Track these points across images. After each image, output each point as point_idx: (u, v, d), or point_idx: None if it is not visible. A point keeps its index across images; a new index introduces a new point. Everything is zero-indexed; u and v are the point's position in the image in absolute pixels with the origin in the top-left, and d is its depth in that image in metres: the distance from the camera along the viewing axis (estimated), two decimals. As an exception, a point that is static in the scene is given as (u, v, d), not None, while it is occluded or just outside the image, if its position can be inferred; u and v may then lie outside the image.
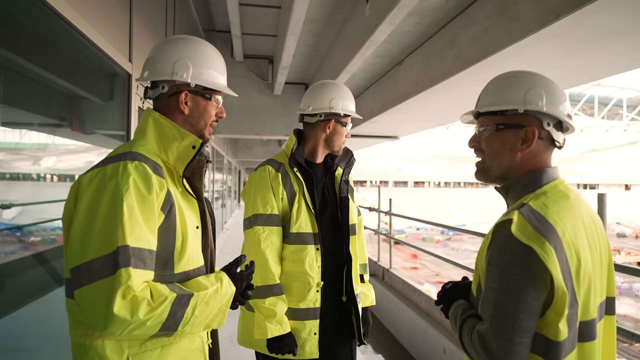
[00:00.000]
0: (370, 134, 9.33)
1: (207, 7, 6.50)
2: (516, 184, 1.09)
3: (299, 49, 6.73)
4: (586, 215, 1.06)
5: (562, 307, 0.92)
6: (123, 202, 0.99)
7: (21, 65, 1.85)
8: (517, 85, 1.09)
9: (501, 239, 0.97)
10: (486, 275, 0.99)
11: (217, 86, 1.23)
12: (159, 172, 1.09)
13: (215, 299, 1.11)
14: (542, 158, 1.09)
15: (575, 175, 70.82)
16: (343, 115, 1.83)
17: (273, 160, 1.81)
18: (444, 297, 1.22)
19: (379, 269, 6.97)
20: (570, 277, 0.95)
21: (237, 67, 7.95)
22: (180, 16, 4.74)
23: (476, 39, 3.84)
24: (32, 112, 2.04)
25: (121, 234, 0.97)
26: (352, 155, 1.94)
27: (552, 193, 1.04)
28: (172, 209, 1.09)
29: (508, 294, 0.94)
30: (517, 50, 3.40)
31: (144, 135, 1.17)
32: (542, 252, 0.92)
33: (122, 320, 0.94)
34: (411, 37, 5.07)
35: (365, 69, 6.53)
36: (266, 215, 1.71)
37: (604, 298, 1.08)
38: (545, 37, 3.10)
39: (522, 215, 0.97)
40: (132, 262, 0.97)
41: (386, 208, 6.81)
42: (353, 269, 1.84)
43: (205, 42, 1.26)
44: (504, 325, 0.94)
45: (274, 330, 1.64)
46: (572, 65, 3.81)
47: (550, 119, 1.08)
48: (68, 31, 2.00)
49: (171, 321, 1.02)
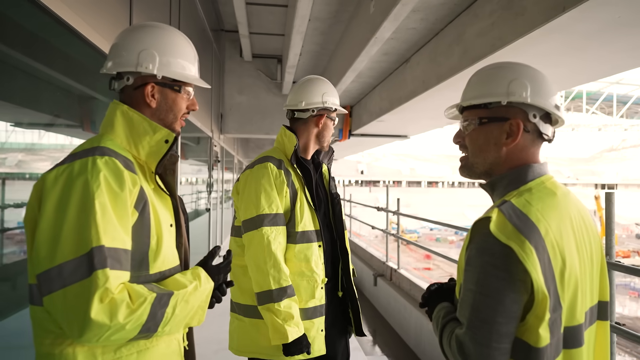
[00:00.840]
0: (379, 133, 9.26)
1: (215, 6, 6.52)
2: (501, 181, 1.03)
3: (306, 48, 6.71)
4: (575, 214, 1.00)
5: (543, 311, 0.87)
6: (95, 200, 0.93)
7: (32, 66, 1.87)
8: (501, 76, 1.03)
9: (480, 238, 0.92)
10: (464, 276, 0.94)
11: (186, 78, 1.15)
12: (131, 167, 1.03)
13: (194, 297, 1.07)
14: (528, 153, 1.03)
15: (593, 175, 69.47)
16: (333, 111, 1.83)
17: (272, 157, 1.74)
18: (428, 299, 1.17)
19: (387, 269, 6.91)
20: (553, 280, 0.89)
21: (246, 66, 7.96)
22: (187, 15, 4.75)
23: (482, 34, 3.77)
24: (44, 113, 2.06)
25: (95, 233, 0.91)
26: (333, 152, 1.94)
27: (537, 190, 0.98)
28: (146, 206, 1.04)
29: (486, 297, 0.88)
30: (524, 45, 3.33)
31: (112, 130, 1.09)
32: (521, 252, 0.86)
33: (100, 325, 0.89)
34: (417, 34, 5.01)
35: (372, 67, 6.47)
36: (272, 215, 1.65)
37: (595, 302, 1.02)
38: (551, 31, 3.02)
39: (502, 213, 0.92)
40: (109, 263, 0.91)
41: (395, 208, 6.74)
42: (349, 264, 1.85)
43: (174, 29, 1.18)
44: (481, 329, 0.88)
45: (293, 333, 1.58)
46: (580, 60, 3.71)
47: (537, 111, 1.01)
48: (68, 33, 2.00)
49: (151, 322, 0.96)
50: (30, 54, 1.90)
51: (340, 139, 9.09)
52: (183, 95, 1.17)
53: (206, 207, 6.76)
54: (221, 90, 7.93)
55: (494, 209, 0.94)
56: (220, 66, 7.70)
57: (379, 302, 6.97)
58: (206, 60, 6.26)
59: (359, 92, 8.10)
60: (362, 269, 8.17)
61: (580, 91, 34.00)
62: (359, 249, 9.10)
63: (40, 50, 1.97)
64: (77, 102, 2.52)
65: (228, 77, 7.98)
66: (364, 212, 9.82)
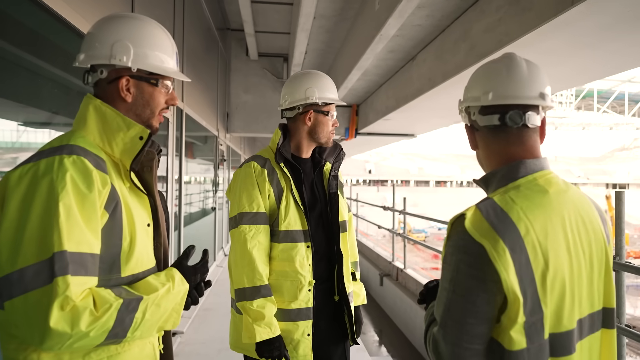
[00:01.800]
0: (385, 132, 9.20)
1: (220, 5, 6.52)
2: (494, 176, 0.99)
3: (312, 46, 6.68)
4: (573, 214, 0.94)
5: (516, 313, 0.83)
6: (59, 202, 0.88)
7: (40, 66, 1.86)
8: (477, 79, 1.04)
9: (456, 236, 0.89)
10: (441, 274, 0.92)
11: (163, 70, 1.08)
12: (102, 167, 0.98)
13: (167, 300, 1.02)
14: (513, 149, 0.97)
15: (605, 175, 68.66)
16: (322, 104, 1.73)
17: (258, 156, 1.73)
18: (427, 296, 1.15)
19: (393, 269, 6.86)
20: (532, 282, 0.85)
21: (252, 65, 7.95)
22: (191, 14, 4.74)
23: (489, 30, 3.71)
24: (53, 113, 2.05)
25: (57, 238, 0.86)
26: (341, 149, 1.86)
27: (525, 187, 0.93)
28: (117, 207, 0.99)
29: (458, 296, 0.86)
30: (532, 41, 3.26)
31: (84, 126, 1.03)
32: (492, 252, 0.83)
33: (60, 334, 0.85)
34: (423, 31, 4.95)
35: (379, 65, 6.42)
36: (252, 214, 1.63)
37: (596, 309, 0.96)
38: (559, 26, 2.96)
39: (479, 210, 0.88)
40: (71, 269, 0.87)
41: (402, 207, 6.69)
42: (344, 267, 1.77)
43: (151, 20, 1.12)
44: (453, 329, 0.86)
45: (262, 334, 1.56)
46: (590, 56, 3.63)
47: (518, 107, 0.96)
48: (68, 31, 1.99)
49: (119, 328, 0.93)
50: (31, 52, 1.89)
51: (347, 137, 9.05)
52: (161, 89, 1.11)
53: (212, 207, 6.76)
54: (227, 89, 7.93)
55: (473, 205, 0.90)
56: (226, 65, 7.70)
57: (385, 302, 6.92)
58: (212, 60, 6.25)
59: (365, 91, 8.05)
60: (369, 268, 8.12)
61: (591, 90, 33.56)
62: (366, 249, 9.05)
63: (38, 47, 1.96)
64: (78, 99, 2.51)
65: (234, 76, 7.98)
66: (372, 211, 9.76)
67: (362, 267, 8.78)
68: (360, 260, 8.95)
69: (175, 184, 4.15)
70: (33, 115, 2.01)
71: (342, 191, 1.86)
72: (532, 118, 0.96)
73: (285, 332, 1.64)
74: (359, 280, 1.97)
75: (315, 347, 1.70)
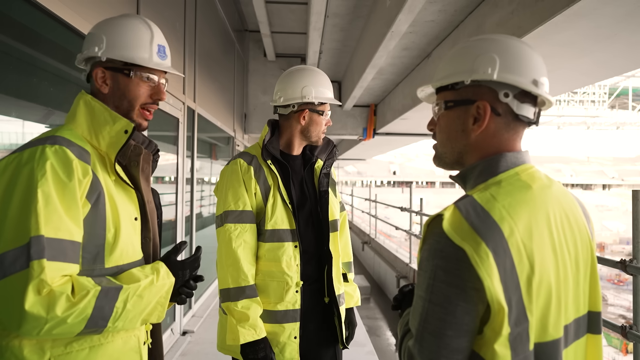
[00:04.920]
0: (404, 132, 9.06)
1: (237, 7, 6.57)
2: (472, 171, 0.90)
3: (328, 46, 6.65)
4: (557, 210, 0.85)
5: (500, 324, 0.74)
6: (37, 189, 0.90)
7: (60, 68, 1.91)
8: (469, 52, 0.91)
9: (432, 239, 0.80)
10: (417, 281, 0.83)
11: (132, 59, 1.08)
12: (85, 157, 1.00)
13: (150, 292, 1.03)
14: (502, 139, 0.89)
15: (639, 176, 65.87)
16: (318, 104, 1.67)
17: (245, 153, 1.68)
18: (401, 302, 1.07)
19: (410, 270, 6.74)
20: (517, 288, 0.76)
21: (270, 66, 7.98)
22: (205, 16, 4.78)
23: (502, 24, 3.59)
24: (60, 111, 2.10)
25: (34, 223, 0.89)
26: (334, 147, 1.79)
27: (507, 183, 0.84)
28: (100, 197, 1.00)
29: (435, 305, 0.77)
30: (545, 33, 3.12)
31: (73, 119, 1.07)
32: (474, 256, 0.74)
33: (36, 317, 0.86)
34: (437, 26, 4.84)
35: (393, 64, 6.33)
36: (238, 212, 1.59)
37: (581, 313, 0.88)
38: (574, 16, 2.82)
39: (458, 209, 0.79)
40: (47, 254, 0.89)
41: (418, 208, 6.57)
42: (334, 268, 1.70)
43: (135, 15, 1.14)
44: (429, 342, 0.77)
45: (246, 336, 1.52)
46: (610, 49, 3.44)
47: (509, 89, 0.87)
48: (75, 36, 2.03)
49: (98, 317, 0.93)
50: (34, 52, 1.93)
51: (365, 138, 8.96)
52: (137, 81, 1.11)
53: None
54: (245, 91, 7.98)
55: (451, 204, 0.81)
56: (243, 66, 7.75)
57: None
58: (228, 61, 6.30)
59: (382, 90, 7.96)
60: (386, 270, 8.02)
61: (626, 87, 32.22)
62: (384, 250, 8.94)
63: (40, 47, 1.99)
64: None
65: (252, 77, 8.02)
66: (396, 213, 9.64)
67: (380, 269, 8.67)
68: (378, 262, 8.85)
69: (186, 185, 4.17)
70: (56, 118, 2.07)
71: (334, 189, 1.80)
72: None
73: (271, 335, 1.60)
74: (353, 281, 1.90)
75: (304, 351, 1.65)
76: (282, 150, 1.72)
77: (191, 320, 4.26)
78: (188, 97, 4.07)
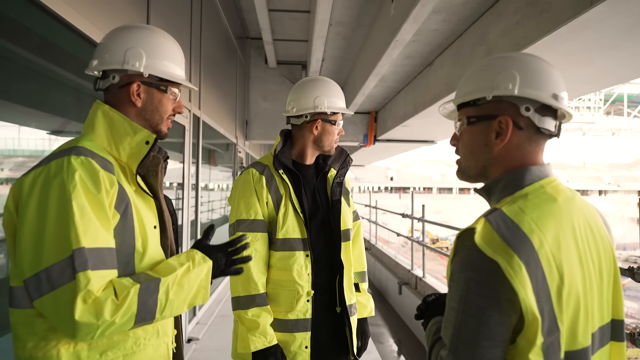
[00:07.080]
0: (404, 139, 9.11)
1: (239, 14, 6.61)
2: (496, 185, 0.93)
3: (330, 53, 6.69)
4: (582, 222, 0.88)
5: (534, 334, 0.77)
6: (72, 201, 0.93)
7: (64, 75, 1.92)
8: (490, 70, 0.94)
9: (464, 251, 0.82)
10: (448, 293, 0.85)
11: (174, 77, 1.14)
12: (109, 168, 1.02)
13: (189, 279, 1.05)
14: (525, 152, 0.92)
15: (636, 182, 66.25)
16: (330, 114, 1.70)
17: (258, 163, 1.71)
18: (424, 311, 1.08)
19: (412, 277, 6.74)
20: (548, 299, 0.79)
21: (271, 73, 8.02)
22: (209, 23, 4.81)
23: (506, 34, 3.64)
24: (76, 121, 2.11)
25: (74, 236, 0.91)
26: (348, 155, 1.81)
27: (534, 196, 0.87)
28: (128, 207, 1.03)
29: (469, 317, 0.79)
30: (550, 43, 3.18)
31: (92, 130, 1.08)
32: (507, 268, 0.76)
33: (87, 325, 0.90)
34: (441, 35, 4.89)
35: (396, 72, 6.38)
36: (249, 221, 1.61)
37: (605, 321, 0.90)
38: (579, 28, 2.87)
39: (489, 223, 0.82)
40: (90, 265, 0.92)
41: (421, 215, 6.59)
42: (345, 278, 1.70)
43: (161, 31, 1.18)
44: (463, 352, 0.79)
45: (257, 343, 1.54)
46: (612, 59, 3.50)
47: (530, 103, 0.90)
48: (85, 43, 2.05)
49: (145, 311, 0.97)
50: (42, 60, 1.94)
51: (365, 144, 9.00)
52: (169, 96, 1.16)
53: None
54: (246, 97, 8.01)
55: (481, 218, 0.84)
56: (245, 73, 7.79)
57: (404, 311, 6.80)
58: (230, 68, 6.33)
59: (383, 97, 8.01)
60: (388, 277, 8.02)
61: (621, 94, 32.49)
62: (385, 257, 8.94)
63: (49, 54, 2.01)
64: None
65: (253, 84, 8.06)
66: (394, 219, 9.66)
67: (381, 275, 8.67)
68: (379, 269, 8.84)
69: (192, 191, 4.19)
70: (65, 125, 2.08)
71: (348, 199, 1.81)
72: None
73: (282, 343, 1.61)
74: (366, 291, 1.90)
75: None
76: (294, 159, 1.73)
77: (196, 328, 4.25)
78: (194, 105, 4.10)
